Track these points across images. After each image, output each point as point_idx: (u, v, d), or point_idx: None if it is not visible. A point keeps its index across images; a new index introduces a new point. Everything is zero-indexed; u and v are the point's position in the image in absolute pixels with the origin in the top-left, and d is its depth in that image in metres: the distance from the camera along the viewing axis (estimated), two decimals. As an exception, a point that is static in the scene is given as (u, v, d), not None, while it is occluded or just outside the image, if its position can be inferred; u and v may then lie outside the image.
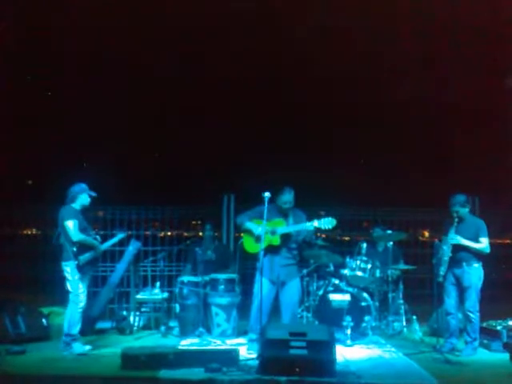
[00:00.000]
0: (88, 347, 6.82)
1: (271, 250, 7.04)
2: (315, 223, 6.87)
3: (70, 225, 6.72)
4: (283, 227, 7.04)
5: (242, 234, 7.40)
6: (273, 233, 7.03)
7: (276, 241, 7.03)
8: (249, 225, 7.16)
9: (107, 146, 18.02)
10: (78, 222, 6.79)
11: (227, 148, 18.92)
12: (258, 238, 7.01)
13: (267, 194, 6.76)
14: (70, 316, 6.75)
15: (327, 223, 6.85)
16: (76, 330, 6.74)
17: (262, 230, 6.81)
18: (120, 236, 7.73)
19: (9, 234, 10.78)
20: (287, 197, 7.11)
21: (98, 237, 7.08)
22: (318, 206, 9.37)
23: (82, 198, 6.91)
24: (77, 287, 6.74)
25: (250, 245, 7.19)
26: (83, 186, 6.98)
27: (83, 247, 6.77)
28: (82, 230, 6.83)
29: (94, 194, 7.00)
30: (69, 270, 6.74)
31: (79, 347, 6.74)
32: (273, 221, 7.08)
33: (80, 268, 6.71)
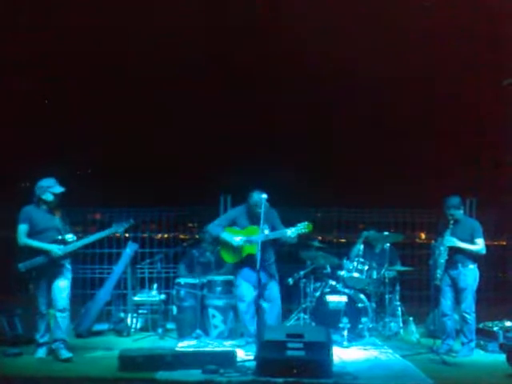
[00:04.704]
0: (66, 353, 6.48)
1: (251, 258, 6.93)
2: (289, 232, 6.81)
3: (20, 228, 6.43)
4: (258, 235, 6.75)
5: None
6: (249, 242, 7.00)
7: (254, 249, 6.84)
8: (225, 236, 7.12)
9: (104, 148, 17.99)
10: (31, 224, 6.41)
11: (223, 148, 18.92)
12: (236, 249, 7.04)
13: (264, 196, 6.75)
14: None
15: (302, 228, 6.79)
16: (37, 335, 6.55)
17: (256, 235, 6.78)
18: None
19: (4, 236, 10.74)
20: (256, 198, 6.97)
21: (72, 236, 6.50)
22: (315, 207, 9.40)
23: (45, 195, 6.45)
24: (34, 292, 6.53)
25: (228, 256, 7.22)
26: (49, 181, 6.50)
27: (33, 252, 6.42)
28: (43, 230, 6.42)
29: (59, 190, 6.48)
30: None
31: (39, 352, 6.55)
32: (247, 229, 7.09)
33: (24, 274, 6.41)
